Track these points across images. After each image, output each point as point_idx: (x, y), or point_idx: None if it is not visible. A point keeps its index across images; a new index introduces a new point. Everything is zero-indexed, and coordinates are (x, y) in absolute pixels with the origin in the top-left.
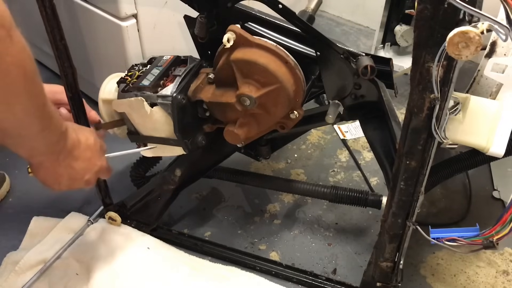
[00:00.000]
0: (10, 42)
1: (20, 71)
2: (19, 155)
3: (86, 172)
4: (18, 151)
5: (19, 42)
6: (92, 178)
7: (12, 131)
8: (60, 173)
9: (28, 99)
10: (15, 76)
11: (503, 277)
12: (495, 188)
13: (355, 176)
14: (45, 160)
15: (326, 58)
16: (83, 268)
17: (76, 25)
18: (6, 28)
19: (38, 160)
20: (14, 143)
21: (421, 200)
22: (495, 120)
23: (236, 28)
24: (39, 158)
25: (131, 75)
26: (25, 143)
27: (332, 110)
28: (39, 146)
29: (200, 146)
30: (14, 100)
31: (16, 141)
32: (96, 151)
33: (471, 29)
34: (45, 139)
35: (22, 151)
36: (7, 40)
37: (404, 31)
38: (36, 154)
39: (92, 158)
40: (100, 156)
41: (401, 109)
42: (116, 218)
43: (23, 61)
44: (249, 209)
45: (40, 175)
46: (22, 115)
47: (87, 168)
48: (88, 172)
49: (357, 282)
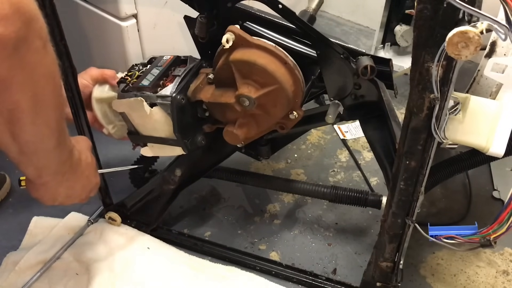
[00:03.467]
0: (45, 53)
1: (50, 82)
2: (26, 175)
3: (83, 191)
4: (27, 170)
5: (52, 54)
6: (87, 196)
7: (29, 146)
8: (59, 192)
9: (53, 110)
10: (45, 86)
11: (503, 277)
12: (495, 188)
13: (355, 176)
14: (50, 180)
15: (327, 58)
16: (83, 268)
17: (76, 25)
18: (43, 40)
19: (44, 180)
20: (26, 161)
21: (421, 200)
22: (495, 120)
23: (235, 28)
24: (46, 178)
25: (131, 75)
26: (39, 161)
27: (332, 110)
28: (50, 164)
29: (200, 146)
30: (41, 110)
31: (30, 158)
32: (93, 168)
33: (471, 29)
34: (57, 157)
35: (31, 170)
36: (43, 52)
37: (404, 31)
38: (45, 174)
39: (89, 176)
40: (96, 174)
41: (401, 109)
42: (116, 218)
43: (54, 73)
44: (249, 209)
45: (37, 193)
46: (44, 127)
47: (85, 186)
48: (85, 190)
49: (357, 282)
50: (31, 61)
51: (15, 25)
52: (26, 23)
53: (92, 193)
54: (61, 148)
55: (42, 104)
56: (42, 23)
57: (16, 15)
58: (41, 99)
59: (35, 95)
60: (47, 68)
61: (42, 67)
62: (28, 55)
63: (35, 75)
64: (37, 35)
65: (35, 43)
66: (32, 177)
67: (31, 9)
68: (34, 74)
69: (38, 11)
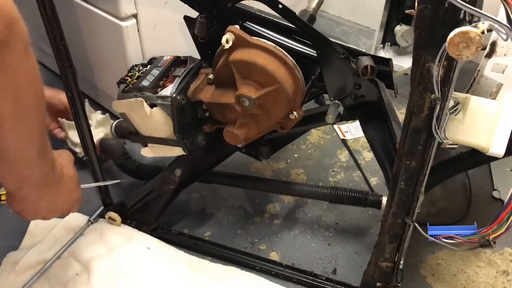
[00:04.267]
0: (26, 57)
1: (32, 87)
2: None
3: (65, 205)
4: (8, 182)
5: (33, 59)
6: (69, 210)
7: (11, 154)
8: (41, 206)
9: (35, 117)
10: (26, 91)
11: (503, 277)
12: (495, 188)
13: (355, 176)
14: (31, 194)
15: (327, 57)
16: (83, 268)
17: (76, 25)
18: (25, 43)
19: (24, 193)
20: (7, 171)
21: (421, 200)
22: (495, 120)
23: (235, 29)
24: (27, 191)
25: (131, 75)
26: (20, 171)
27: (332, 110)
28: (32, 175)
29: (200, 146)
30: (22, 116)
31: (11, 167)
32: (76, 182)
33: (472, 29)
34: (40, 168)
35: (11, 182)
36: (24, 55)
37: (404, 31)
38: (26, 186)
39: (72, 190)
40: (78, 188)
41: (401, 109)
42: (116, 218)
43: (35, 77)
44: (249, 209)
45: (18, 206)
46: (26, 134)
47: (67, 200)
48: (67, 204)
49: (357, 282)
50: (12, 64)
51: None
52: (7, 26)
53: (74, 208)
54: (44, 158)
55: (24, 109)
56: (23, 26)
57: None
58: (23, 104)
59: (16, 100)
60: (28, 71)
61: (23, 70)
62: (9, 58)
63: (16, 79)
64: (19, 38)
65: (16, 46)
66: (12, 190)
67: (12, 11)
68: (15, 78)
69: (19, 14)
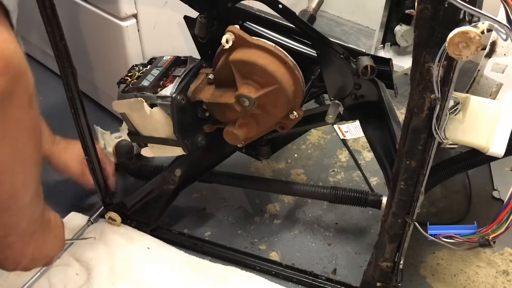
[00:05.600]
0: (29, 108)
1: (31, 138)
2: None
3: (50, 252)
4: None
5: (36, 110)
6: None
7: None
8: (25, 254)
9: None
10: (26, 143)
11: (503, 277)
12: (495, 188)
13: (355, 176)
14: (17, 241)
15: (327, 57)
16: (83, 268)
17: (76, 25)
18: (29, 95)
19: (10, 241)
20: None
21: (421, 200)
22: (495, 120)
23: (234, 29)
24: (13, 239)
25: (131, 75)
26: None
27: (332, 110)
28: (21, 222)
29: (200, 146)
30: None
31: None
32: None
33: (472, 29)
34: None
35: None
36: (27, 107)
37: (404, 31)
38: (13, 233)
39: (58, 236)
40: (63, 235)
41: (401, 109)
42: (116, 218)
43: (36, 129)
44: (249, 209)
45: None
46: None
47: (53, 248)
48: (52, 252)
49: (357, 282)
50: (14, 116)
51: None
52: (14, 78)
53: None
54: (35, 205)
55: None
56: (30, 77)
57: (5, 69)
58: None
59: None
60: (30, 123)
61: (25, 122)
62: (12, 109)
63: (17, 130)
64: (24, 90)
65: (21, 98)
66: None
67: (20, 63)
68: (16, 129)
69: (27, 66)
